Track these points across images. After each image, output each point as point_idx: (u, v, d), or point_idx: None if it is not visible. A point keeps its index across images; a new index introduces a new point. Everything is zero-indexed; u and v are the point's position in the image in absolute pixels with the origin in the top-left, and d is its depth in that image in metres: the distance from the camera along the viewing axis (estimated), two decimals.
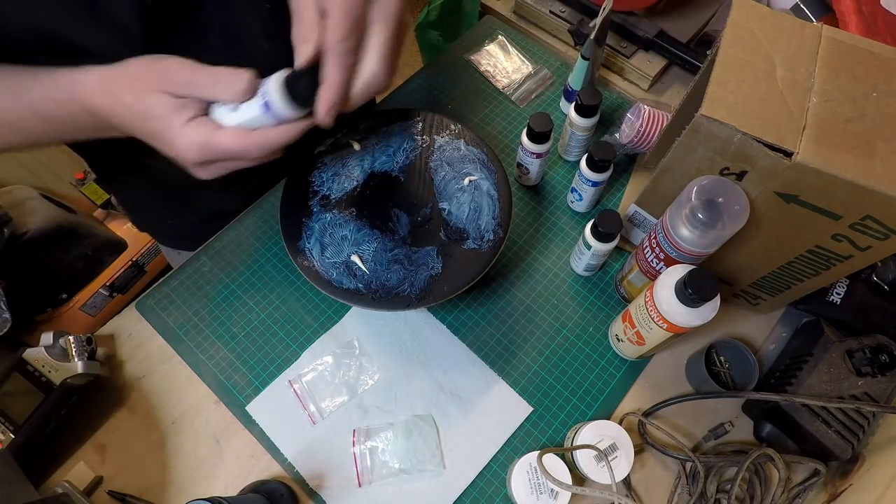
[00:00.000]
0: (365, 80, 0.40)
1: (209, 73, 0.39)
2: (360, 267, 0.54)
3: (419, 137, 0.61)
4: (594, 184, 0.63)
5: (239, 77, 0.38)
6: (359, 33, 0.39)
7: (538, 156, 0.64)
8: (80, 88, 0.41)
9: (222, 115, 0.40)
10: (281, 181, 0.69)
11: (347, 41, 0.38)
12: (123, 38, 0.43)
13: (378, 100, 0.79)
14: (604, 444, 0.51)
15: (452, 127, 0.62)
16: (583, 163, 0.62)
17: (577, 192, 0.66)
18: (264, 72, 0.40)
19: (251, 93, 0.39)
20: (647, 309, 0.50)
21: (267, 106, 0.39)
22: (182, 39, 0.46)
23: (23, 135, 0.45)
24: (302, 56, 0.39)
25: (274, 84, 0.38)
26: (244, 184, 0.68)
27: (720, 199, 0.44)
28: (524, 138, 0.63)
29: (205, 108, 0.40)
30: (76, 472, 0.54)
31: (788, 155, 0.39)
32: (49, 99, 0.42)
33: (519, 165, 0.68)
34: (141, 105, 0.39)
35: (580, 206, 0.68)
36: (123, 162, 0.61)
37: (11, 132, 0.45)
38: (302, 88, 0.39)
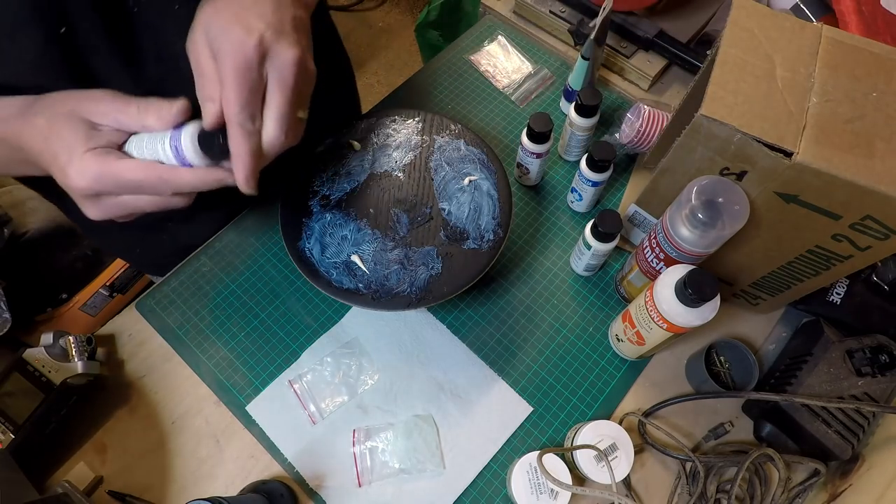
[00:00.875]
0: (266, 144, 0.39)
1: (139, 102, 0.38)
2: (360, 267, 0.54)
3: (419, 137, 0.61)
4: (594, 184, 0.63)
5: (172, 106, 0.37)
6: (256, 98, 0.38)
7: (538, 156, 0.64)
8: (5, 111, 0.39)
9: (133, 150, 0.39)
10: (281, 181, 0.69)
11: (245, 111, 0.37)
12: (39, 69, 0.41)
13: (378, 100, 0.79)
14: (604, 444, 0.51)
15: (452, 127, 0.62)
16: (583, 163, 0.62)
17: (577, 191, 0.66)
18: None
19: (180, 120, 0.38)
20: (647, 309, 0.50)
21: (176, 150, 0.38)
22: (110, 68, 0.44)
23: None
24: (209, 115, 0.38)
25: (187, 134, 0.38)
26: (210, 213, 0.67)
27: (720, 199, 0.44)
28: (524, 138, 0.63)
29: (117, 143, 0.39)
30: (76, 472, 0.54)
31: (788, 155, 0.39)
32: None
33: (519, 165, 0.68)
34: (51, 126, 0.37)
35: (580, 206, 0.68)
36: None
37: None
38: (214, 145, 0.38)
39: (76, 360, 0.55)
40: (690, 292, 0.45)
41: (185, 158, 0.38)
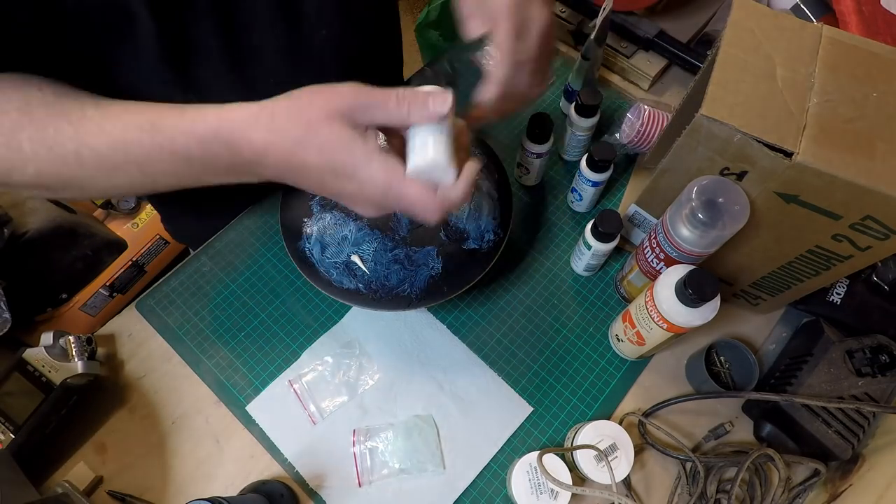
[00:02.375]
0: (524, 95, 0.44)
1: (395, 94, 0.35)
2: (360, 267, 0.54)
3: None
4: (594, 184, 0.63)
5: (438, 97, 0.35)
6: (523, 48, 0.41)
7: (538, 156, 0.64)
8: (228, 124, 0.36)
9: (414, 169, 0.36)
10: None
11: (513, 57, 0.40)
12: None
13: None
14: (604, 444, 0.51)
15: None
16: (583, 163, 0.62)
17: (577, 192, 0.66)
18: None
19: (445, 111, 0.35)
20: (647, 309, 0.50)
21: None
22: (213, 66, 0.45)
23: (148, 175, 0.40)
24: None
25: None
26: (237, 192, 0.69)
27: (720, 199, 0.44)
28: (524, 138, 0.63)
29: (382, 139, 0.38)
30: (76, 472, 0.54)
31: (788, 155, 0.39)
32: (189, 134, 0.37)
33: (519, 165, 0.68)
34: (315, 137, 0.35)
35: (580, 206, 0.68)
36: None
37: (138, 171, 0.39)
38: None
39: (76, 360, 0.55)
40: (690, 292, 0.45)
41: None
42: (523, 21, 0.40)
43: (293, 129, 0.35)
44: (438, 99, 0.35)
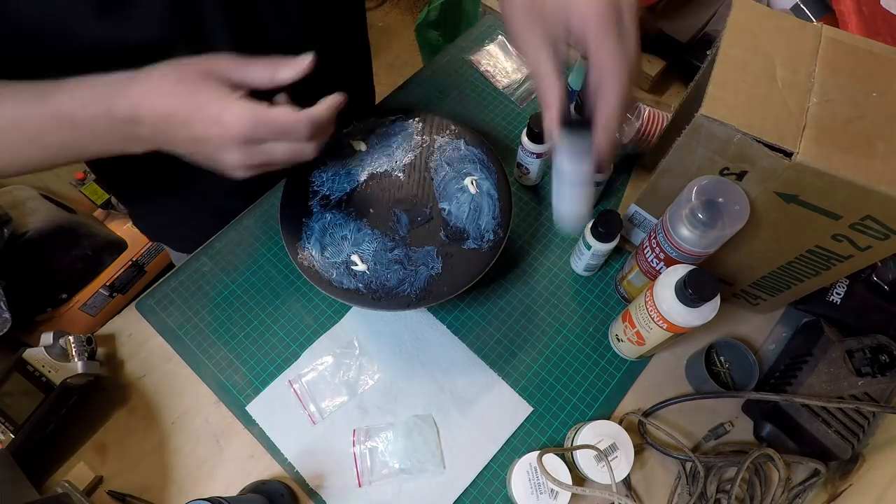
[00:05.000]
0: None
1: (266, 60, 0.40)
2: (360, 267, 0.54)
3: (419, 137, 0.61)
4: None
5: (301, 59, 0.41)
6: (625, 57, 0.37)
7: (538, 155, 0.64)
8: (109, 86, 0.39)
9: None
10: (281, 181, 0.69)
11: (624, 70, 0.36)
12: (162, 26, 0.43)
13: (378, 100, 0.79)
14: (604, 444, 0.51)
15: (452, 127, 0.62)
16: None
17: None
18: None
19: (308, 71, 0.41)
20: (647, 309, 0.50)
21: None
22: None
23: (43, 149, 0.43)
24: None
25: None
26: (237, 192, 0.68)
27: (720, 199, 0.44)
28: (524, 138, 0.63)
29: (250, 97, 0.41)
30: (76, 472, 0.54)
31: (788, 155, 0.39)
32: (74, 98, 0.40)
33: (519, 165, 0.68)
34: (186, 85, 0.39)
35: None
36: (139, 174, 0.61)
37: (32, 146, 0.42)
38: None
39: (76, 360, 0.55)
40: (690, 292, 0.45)
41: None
42: (618, 17, 0.36)
43: (166, 84, 0.39)
44: (300, 60, 0.41)
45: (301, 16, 0.52)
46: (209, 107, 0.39)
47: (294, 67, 0.41)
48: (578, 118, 0.41)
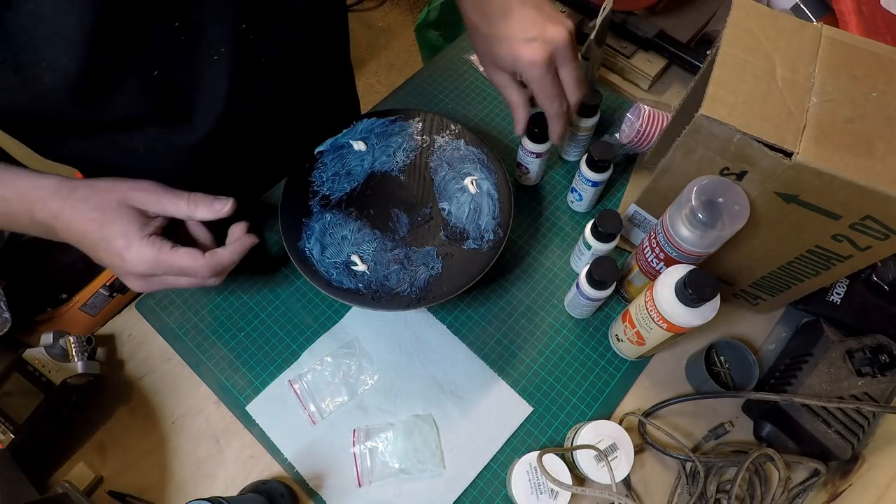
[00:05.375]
0: (574, 104, 0.52)
1: (189, 196, 0.45)
2: (360, 267, 0.54)
3: (419, 137, 0.61)
4: (594, 184, 0.63)
5: (221, 201, 0.47)
6: (558, 89, 0.50)
7: (538, 155, 0.64)
8: (32, 192, 0.43)
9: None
10: (281, 181, 0.69)
11: (556, 102, 0.50)
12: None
13: (378, 100, 0.79)
14: (604, 444, 0.51)
15: (452, 127, 0.62)
16: (583, 163, 0.62)
17: (577, 191, 0.66)
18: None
19: (228, 214, 0.47)
20: (647, 309, 0.50)
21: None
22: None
23: None
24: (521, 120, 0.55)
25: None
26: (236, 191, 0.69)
27: (720, 199, 0.44)
28: (523, 138, 0.63)
29: (166, 227, 0.46)
30: (76, 472, 0.54)
31: (788, 155, 0.39)
32: None
33: (519, 165, 0.68)
34: (103, 214, 0.42)
35: (580, 206, 0.68)
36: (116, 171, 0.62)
37: None
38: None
39: (76, 360, 0.55)
40: (690, 292, 0.45)
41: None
42: (553, 66, 0.48)
43: (83, 209, 0.42)
44: (221, 203, 0.46)
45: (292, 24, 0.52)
46: (115, 241, 0.42)
47: (212, 209, 0.46)
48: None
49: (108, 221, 0.42)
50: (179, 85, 0.46)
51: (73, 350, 0.55)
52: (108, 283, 1.30)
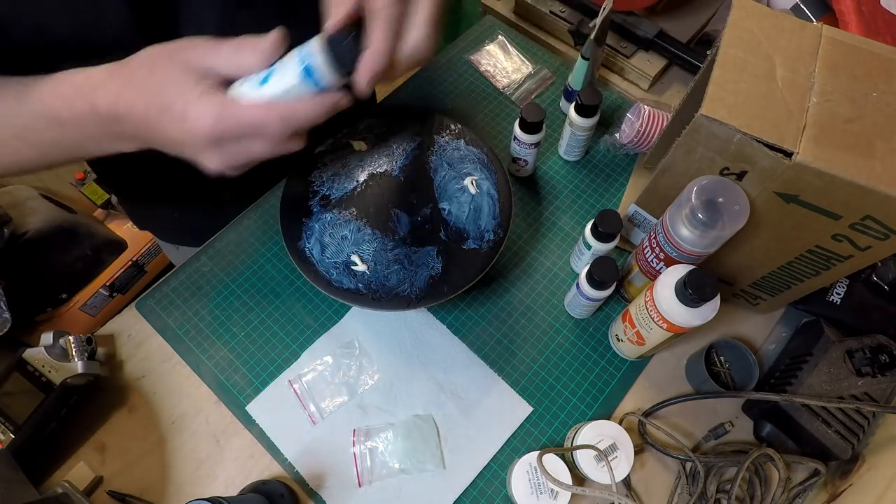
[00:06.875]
0: (410, 49, 0.37)
1: (232, 41, 0.36)
2: (360, 267, 0.54)
3: (419, 137, 0.61)
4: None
5: (265, 39, 0.35)
6: (399, 19, 0.36)
7: (535, 145, 0.64)
8: (88, 81, 0.38)
9: (248, 91, 0.36)
10: (281, 181, 0.69)
11: (396, 6, 0.35)
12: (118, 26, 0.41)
13: (378, 99, 0.79)
14: (604, 444, 0.51)
15: (452, 127, 0.62)
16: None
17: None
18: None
19: (277, 52, 0.35)
20: (647, 309, 0.50)
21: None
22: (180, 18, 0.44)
23: (35, 147, 0.42)
24: (337, 17, 0.36)
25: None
26: (237, 191, 0.68)
27: (720, 199, 0.44)
28: (517, 130, 0.63)
29: (225, 84, 0.37)
30: (76, 472, 0.54)
31: (788, 155, 0.39)
32: (57, 95, 0.39)
33: (515, 160, 0.68)
34: (155, 78, 0.36)
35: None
36: (139, 172, 0.61)
37: (23, 143, 0.41)
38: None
39: (76, 360, 0.55)
40: (690, 292, 0.45)
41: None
42: None
43: (140, 77, 0.37)
44: (268, 40, 0.35)
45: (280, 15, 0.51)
46: (175, 104, 0.36)
47: (260, 48, 0.36)
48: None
49: (165, 85, 0.36)
50: None
51: (73, 350, 0.55)
52: (108, 283, 1.30)
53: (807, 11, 0.73)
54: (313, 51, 0.35)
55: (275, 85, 0.36)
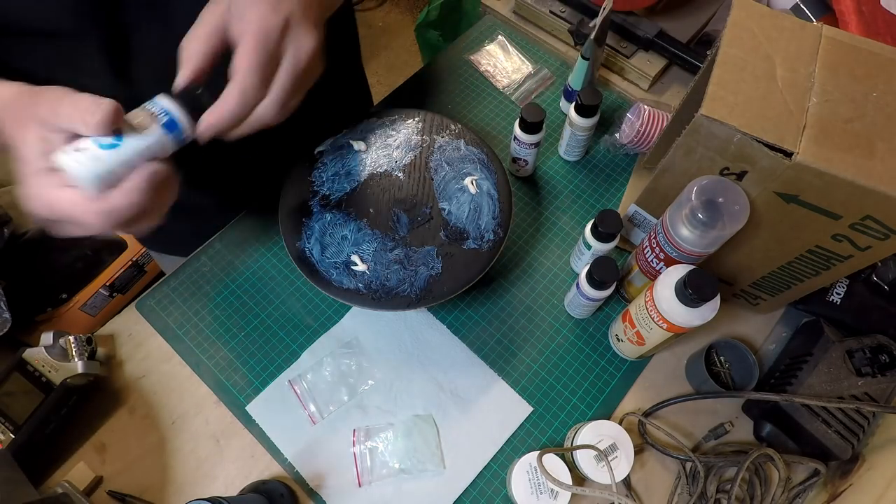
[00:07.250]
0: (261, 112, 0.38)
1: (72, 101, 0.33)
2: (360, 267, 0.54)
3: (419, 137, 0.61)
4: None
5: (100, 104, 0.33)
6: (269, 68, 0.37)
7: (535, 145, 0.64)
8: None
9: (86, 161, 0.33)
10: (281, 181, 0.69)
11: (256, 74, 0.36)
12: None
13: (378, 100, 0.79)
14: (604, 444, 0.51)
15: (452, 127, 0.62)
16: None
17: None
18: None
19: (110, 124, 0.33)
20: (647, 309, 0.50)
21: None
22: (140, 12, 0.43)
23: None
24: (185, 75, 0.37)
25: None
26: (237, 191, 0.68)
27: (720, 199, 0.44)
28: (517, 130, 0.63)
29: (72, 140, 0.35)
30: (76, 472, 0.54)
31: (788, 155, 0.39)
32: None
33: (515, 160, 0.68)
34: (20, 132, 0.35)
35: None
36: None
37: None
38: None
39: (76, 360, 0.55)
40: (690, 292, 0.45)
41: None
42: (275, 44, 0.37)
43: (24, 114, 0.35)
44: (106, 101, 0.33)
45: None
46: (23, 168, 0.35)
47: (89, 116, 0.33)
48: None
49: (24, 142, 0.34)
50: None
51: (73, 350, 0.55)
52: (108, 283, 1.30)
53: (807, 11, 0.73)
54: (169, 107, 0.36)
55: (131, 146, 0.35)
